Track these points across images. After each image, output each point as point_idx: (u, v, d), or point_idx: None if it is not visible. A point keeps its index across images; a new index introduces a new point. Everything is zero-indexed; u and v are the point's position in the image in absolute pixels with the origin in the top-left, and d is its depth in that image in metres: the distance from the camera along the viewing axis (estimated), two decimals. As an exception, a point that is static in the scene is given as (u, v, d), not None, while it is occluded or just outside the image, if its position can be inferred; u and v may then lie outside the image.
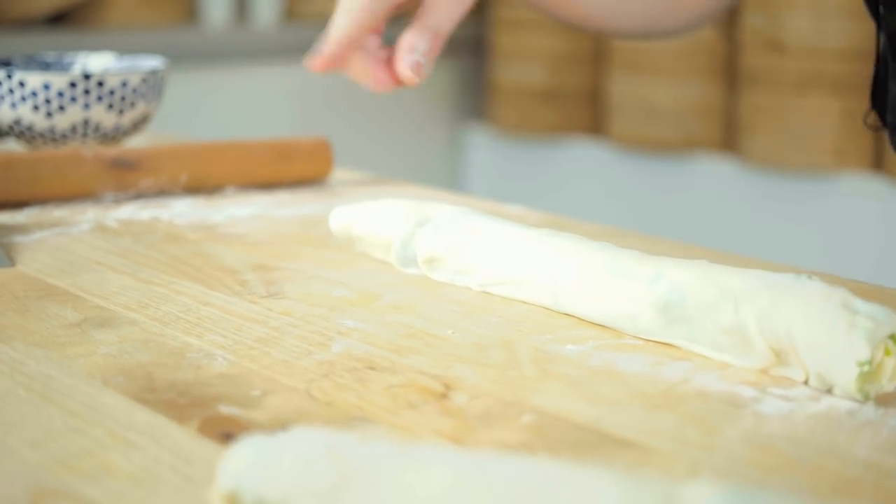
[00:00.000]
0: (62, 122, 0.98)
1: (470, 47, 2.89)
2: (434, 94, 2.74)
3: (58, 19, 2.45)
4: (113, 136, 1.01)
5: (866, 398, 0.50)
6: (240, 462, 0.39)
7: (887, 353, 0.50)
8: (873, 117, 0.83)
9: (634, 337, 0.59)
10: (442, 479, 0.36)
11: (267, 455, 0.39)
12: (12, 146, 1.06)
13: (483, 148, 2.69)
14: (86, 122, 0.98)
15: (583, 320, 0.62)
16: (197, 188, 0.94)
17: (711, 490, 0.35)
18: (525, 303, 0.65)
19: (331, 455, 0.38)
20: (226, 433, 0.47)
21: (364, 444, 0.38)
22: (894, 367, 0.50)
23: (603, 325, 0.61)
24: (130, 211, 0.88)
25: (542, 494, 0.35)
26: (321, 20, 2.91)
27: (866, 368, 0.49)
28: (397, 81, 0.82)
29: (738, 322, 0.54)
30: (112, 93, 0.98)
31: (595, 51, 2.48)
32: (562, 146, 2.54)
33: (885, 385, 0.50)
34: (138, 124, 1.02)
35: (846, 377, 0.50)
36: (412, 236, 0.71)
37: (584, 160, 2.50)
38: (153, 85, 1.01)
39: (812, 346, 0.51)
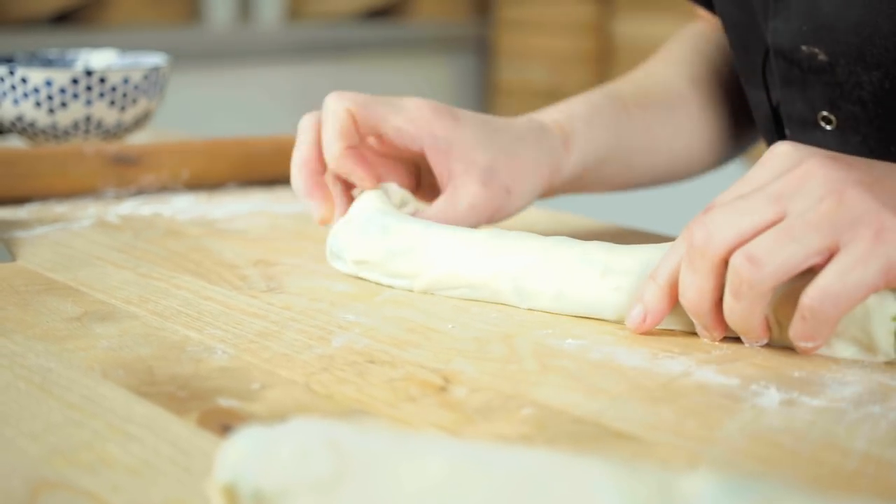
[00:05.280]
0: (64, 118, 0.98)
1: (473, 47, 2.89)
2: (437, 94, 2.74)
3: (62, 19, 2.45)
4: (115, 132, 1.01)
5: None
6: (237, 453, 0.39)
7: None
8: None
9: (627, 329, 0.59)
10: (439, 470, 0.36)
11: (264, 446, 0.38)
12: (15, 142, 1.06)
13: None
14: (88, 119, 0.98)
15: (581, 317, 0.62)
16: (198, 184, 0.94)
17: (708, 481, 0.34)
18: (479, 301, 0.64)
19: (328, 446, 0.38)
20: (225, 426, 0.47)
21: (361, 434, 0.38)
22: None
23: (571, 315, 0.62)
24: (131, 207, 0.88)
25: (538, 484, 0.35)
26: (324, 20, 2.90)
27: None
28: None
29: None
30: (114, 89, 0.98)
31: (597, 51, 2.48)
32: (564, 145, 2.53)
33: None
34: (140, 121, 1.02)
35: (883, 333, 0.54)
36: (337, 232, 0.68)
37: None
38: (155, 81, 1.01)
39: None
